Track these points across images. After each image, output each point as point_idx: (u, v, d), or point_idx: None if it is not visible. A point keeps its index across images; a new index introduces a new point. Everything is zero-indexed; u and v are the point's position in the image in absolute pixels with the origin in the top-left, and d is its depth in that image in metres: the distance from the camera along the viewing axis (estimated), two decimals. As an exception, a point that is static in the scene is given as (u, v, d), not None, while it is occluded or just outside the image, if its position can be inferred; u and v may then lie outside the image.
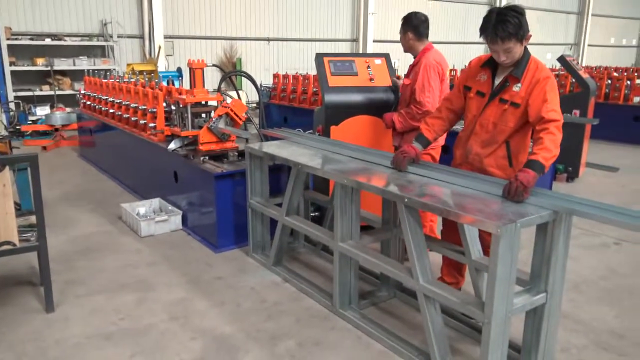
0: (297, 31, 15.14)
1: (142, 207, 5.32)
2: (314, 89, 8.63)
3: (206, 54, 13.28)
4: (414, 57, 4.23)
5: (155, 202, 5.41)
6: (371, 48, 16.17)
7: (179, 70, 10.73)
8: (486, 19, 2.98)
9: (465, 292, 2.98)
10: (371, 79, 4.76)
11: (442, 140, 4.20)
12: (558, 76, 11.06)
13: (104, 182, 6.88)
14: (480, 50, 19.65)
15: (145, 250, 4.61)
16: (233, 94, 6.15)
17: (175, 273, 4.15)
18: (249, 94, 11.55)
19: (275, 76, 9.73)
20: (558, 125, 2.89)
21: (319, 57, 4.77)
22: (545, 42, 21.56)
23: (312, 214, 4.78)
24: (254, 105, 12.02)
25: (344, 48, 16.21)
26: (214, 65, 5.34)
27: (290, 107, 9.12)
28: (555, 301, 2.78)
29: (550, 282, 2.71)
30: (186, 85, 10.39)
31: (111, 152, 7.11)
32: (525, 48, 3.07)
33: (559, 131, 2.89)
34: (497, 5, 19.23)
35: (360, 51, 16.15)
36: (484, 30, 2.99)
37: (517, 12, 2.92)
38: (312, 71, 10.91)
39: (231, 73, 5.45)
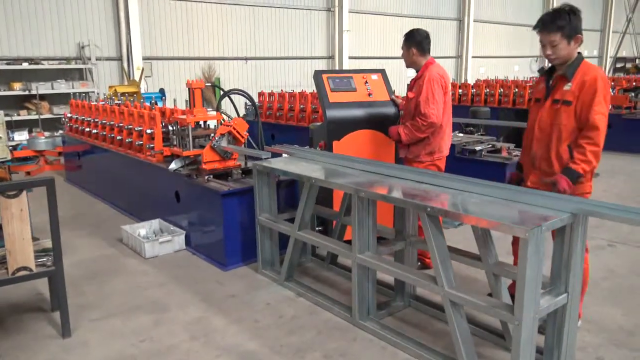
0: (274, 50, 15.24)
1: (143, 229, 5.27)
2: (301, 106, 8.71)
3: (185, 75, 13.23)
4: (417, 72, 4.36)
5: (155, 223, 5.37)
6: (347, 65, 16.36)
7: (162, 90, 10.68)
8: (542, 15, 3.28)
9: (488, 297, 3.06)
10: (369, 94, 4.87)
11: (446, 151, 4.32)
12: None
13: (96, 205, 6.79)
14: (452, 64, 20.12)
15: (152, 271, 4.57)
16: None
17: (186, 292, 4.13)
18: (231, 113, 11.55)
19: (261, 94, 9.79)
20: (598, 134, 3.08)
21: (318, 75, 4.86)
22: (512, 54, 22.21)
23: (317, 229, 4.82)
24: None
25: (321, 65, 16.37)
26: (214, 85, 5.38)
27: (277, 125, 9.17)
28: (575, 301, 2.89)
29: (571, 282, 2.82)
30: (170, 105, 10.31)
31: (102, 174, 7.02)
32: (579, 53, 3.27)
33: (601, 140, 3.10)
34: (465, 21, 19.83)
35: (337, 68, 16.34)
36: (536, 23, 3.24)
37: (570, 11, 3.17)
38: (293, 89, 11.01)
39: (230, 92, 5.50)
